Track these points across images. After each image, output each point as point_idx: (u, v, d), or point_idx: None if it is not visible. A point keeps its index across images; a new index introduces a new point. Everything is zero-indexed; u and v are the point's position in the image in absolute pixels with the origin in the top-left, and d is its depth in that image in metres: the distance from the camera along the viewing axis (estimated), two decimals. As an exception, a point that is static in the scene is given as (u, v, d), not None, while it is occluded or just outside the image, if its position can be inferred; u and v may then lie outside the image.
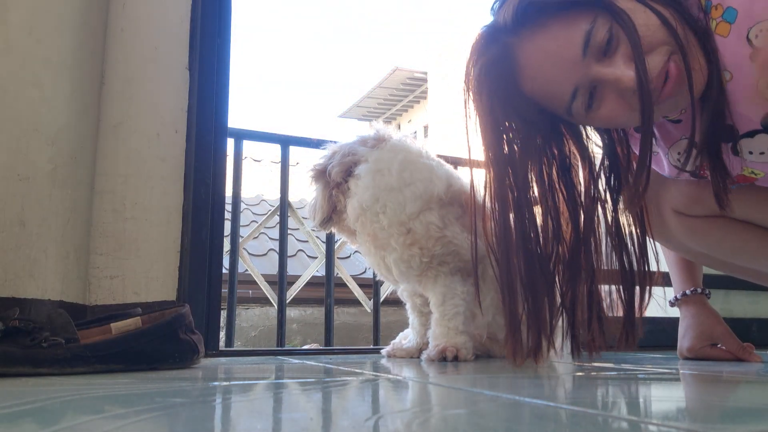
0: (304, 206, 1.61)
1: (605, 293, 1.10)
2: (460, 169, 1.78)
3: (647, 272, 1.09)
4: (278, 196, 1.82)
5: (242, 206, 4.01)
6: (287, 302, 1.75)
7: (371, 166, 1.30)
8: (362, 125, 15.33)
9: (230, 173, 1.55)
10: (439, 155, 1.45)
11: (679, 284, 1.42)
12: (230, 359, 1.35)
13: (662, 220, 1.21)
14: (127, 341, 1.00)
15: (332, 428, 0.50)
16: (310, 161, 1.43)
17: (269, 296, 1.80)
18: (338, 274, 1.90)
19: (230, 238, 1.73)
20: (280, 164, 1.84)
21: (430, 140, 12.39)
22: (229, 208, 1.58)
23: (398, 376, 0.96)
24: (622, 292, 1.09)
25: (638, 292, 1.08)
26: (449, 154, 1.82)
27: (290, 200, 1.83)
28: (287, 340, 2.41)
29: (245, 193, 5.56)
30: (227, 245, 1.69)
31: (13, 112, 1.17)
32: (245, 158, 2.07)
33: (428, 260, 1.28)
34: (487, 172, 1.05)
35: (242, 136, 1.73)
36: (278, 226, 1.81)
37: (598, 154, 1.09)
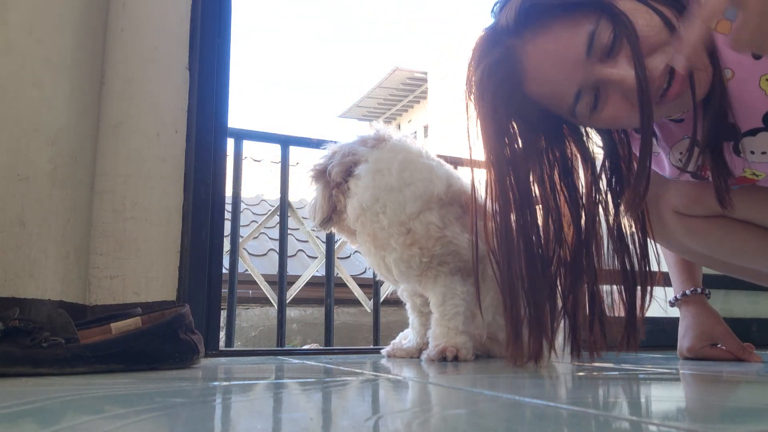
0: (304, 206, 1.61)
1: (606, 293, 1.10)
2: (460, 169, 1.78)
3: (648, 273, 1.09)
4: (278, 196, 1.82)
5: (242, 206, 4.01)
6: (287, 302, 1.75)
7: (371, 166, 1.30)
8: (362, 125, 15.32)
9: (230, 173, 1.55)
10: (439, 155, 1.45)
11: (678, 284, 1.41)
12: (230, 359, 1.35)
13: (662, 220, 1.21)
14: (127, 341, 1.00)
15: (332, 428, 0.50)
16: (310, 161, 1.43)
17: (269, 296, 1.80)
18: (338, 274, 1.90)
19: (230, 238, 1.73)
20: (280, 164, 1.84)
21: (430, 140, 12.39)
22: (229, 208, 1.58)
23: (398, 376, 0.96)
24: (623, 293, 1.09)
25: (639, 292, 1.08)
26: (449, 154, 1.82)
27: (290, 200, 1.83)
28: (287, 340, 2.41)
29: (245, 193, 5.56)
30: (227, 245, 1.69)
31: (13, 112, 1.17)
32: (245, 158, 2.07)
33: (428, 260, 1.28)
34: (488, 174, 1.04)
35: (242, 136, 1.73)
36: (278, 226, 1.81)
37: (599, 155, 1.09)
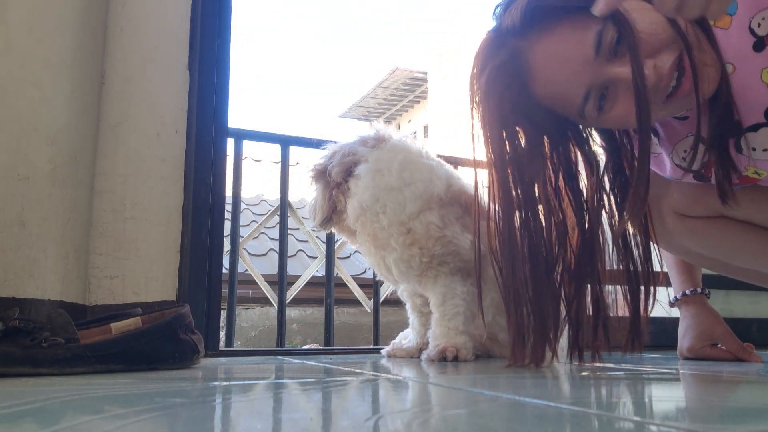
0: (304, 206, 1.61)
1: (607, 293, 1.10)
2: (460, 169, 1.78)
3: (651, 273, 1.08)
4: (278, 196, 1.82)
5: (242, 206, 4.01)
6: (287, 302, 1.75)
7: (371, 166, 1.30)
8: (362, 125, 15.33)
9: (230, 173, 1.55)
10: (439, 155, 1.45)
11: (678, 285, 1.41)
12: (230, 359, 1.35)
13: (663, 221, 1.21)
14: (127, 341, 1.00)
15: (332, 428, 0.50)
16: (310, 161, 1.43)
17: (269, 296, 1.80)
18: (338, 274, 1.90)
19: (230, 238, 1.73)
20: (280, 164, 1.84)
21: (430, 140, 12.39)
22: (229, 208, 1.58)
23: (398, 376, 0.96)
24: (627, 296, 1.08)
25: (643, 294, 1.08)
26: (449, 154, 1.82)
27: (290, 200, 1.83)
28: (287, 340, 2.41)
29: (245, 193, 5.56)
30: (227, 245, 1.69)
31: (13, 112, 1.17)
32: (245, 158, 2.07)
33: (428, 260, 1.28)
34: (492, 177, 1.03)
35: (242, 136, 1.73)
36: (278, 226, 1.81)
37: (601, 159, 1.09)
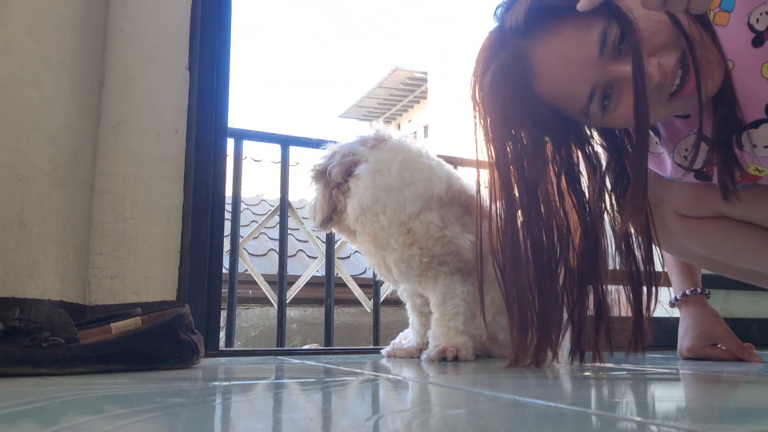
0: (304, 206, 1.61)
1: (609, 293, 1.10)
2: (460, 169, 1.78)
3: (653, 273, 1.08)
4: (278, 196, 1.82)
5: (242, 206, 4.01)
6: (287, 302, 1.75)
7: (371, 166, 1.30)
8: (362, 125, 15.32)
9: (230, 173, 1.55)
10: (439, 155, 1.45)
11: (678, 285, 1.41)
12: (230, 359, 1.35)
13: (664, 222, 1.20)
14: (127, 341, 1.00)
15: (332, 428, 0.50)
16: (310, 161, 1.43)
17: (269, 296, 1.80)
18: (338, 274, 1.90)
19: (230, 238, 1.73)
20: (280, 164, 1.84)
21: (430, 140, 12.39)
22: (229, 208, 1.58)
23: (398, 376, 0.96)
24: (630, 298, 1.08)
25: (645, 294, 1.08)
26: (449, 154, 1.82)
27: (290, 200, 1.83)
28: (287, 340, 2.41)
29: (245, 193, 5.56)
30: (227, 245, 1.69)
31: (13, 112, 1.17)
32: (245, 158, 2.07)
33: (428, 260, 1.28)
34: (494, 177, 1.02)
35: (242, 136, 1.73)
36: (278, 226, 1.81)
37: (603, 160, 1.09)
